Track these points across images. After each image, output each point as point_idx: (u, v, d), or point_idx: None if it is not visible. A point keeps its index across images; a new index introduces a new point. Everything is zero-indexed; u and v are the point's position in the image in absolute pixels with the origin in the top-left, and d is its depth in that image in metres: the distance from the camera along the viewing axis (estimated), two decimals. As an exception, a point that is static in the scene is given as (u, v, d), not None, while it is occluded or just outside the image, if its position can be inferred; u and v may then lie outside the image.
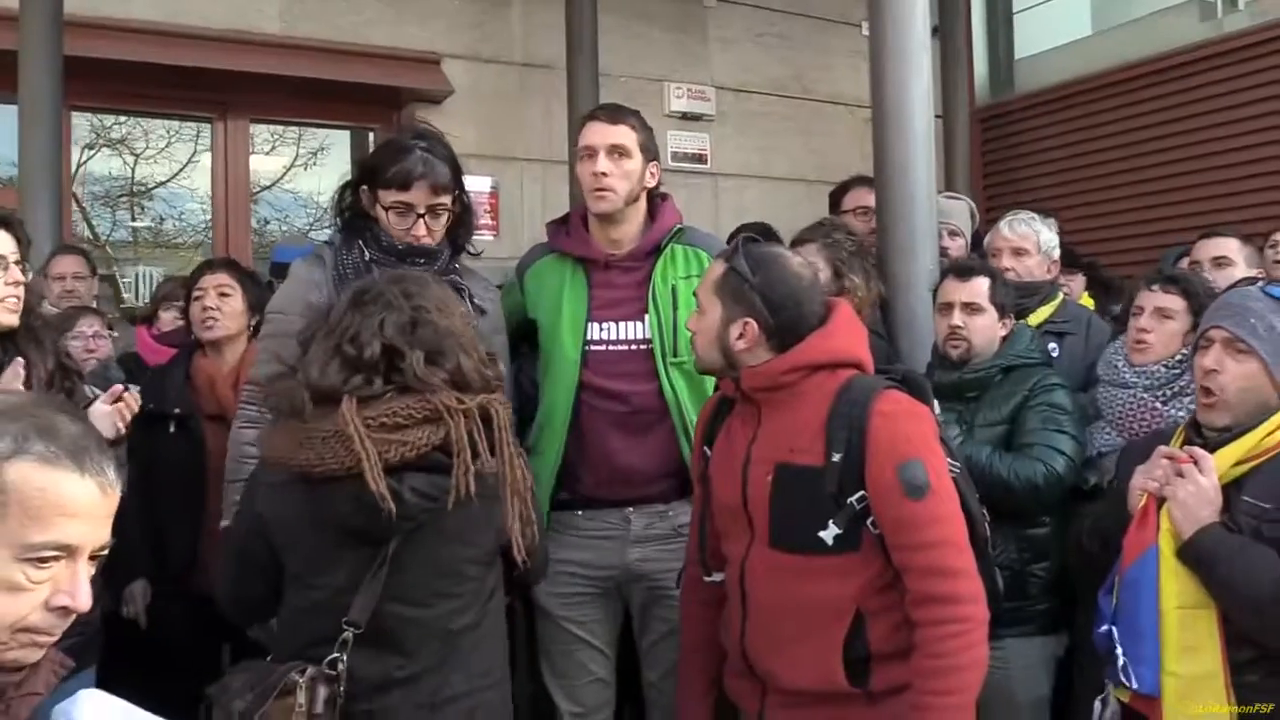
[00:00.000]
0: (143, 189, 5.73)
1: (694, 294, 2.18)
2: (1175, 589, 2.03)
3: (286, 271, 4.56)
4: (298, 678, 1.73)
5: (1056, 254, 3.43)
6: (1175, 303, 2.74)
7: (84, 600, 1.17)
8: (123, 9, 4.75)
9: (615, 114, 2.62)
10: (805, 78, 6.45)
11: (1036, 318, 3.26)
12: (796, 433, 1.97)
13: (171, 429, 3.16)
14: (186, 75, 4.91)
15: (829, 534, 1.93)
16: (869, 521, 1.93)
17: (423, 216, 2.40)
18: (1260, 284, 2.27)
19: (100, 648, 2.52)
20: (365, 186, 2.46)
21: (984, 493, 2.52)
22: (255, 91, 5.20)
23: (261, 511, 1.88)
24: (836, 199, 4.07)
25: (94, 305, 4.09)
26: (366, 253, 2.41)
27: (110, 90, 5.00)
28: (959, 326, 2.81)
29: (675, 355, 2.53)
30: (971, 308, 2.81)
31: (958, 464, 2.04)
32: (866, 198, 3.85)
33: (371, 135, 5.70)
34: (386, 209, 2.40)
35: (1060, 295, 3.42)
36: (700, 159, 6.10)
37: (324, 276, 2.42)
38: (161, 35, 4.82)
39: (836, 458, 1.91)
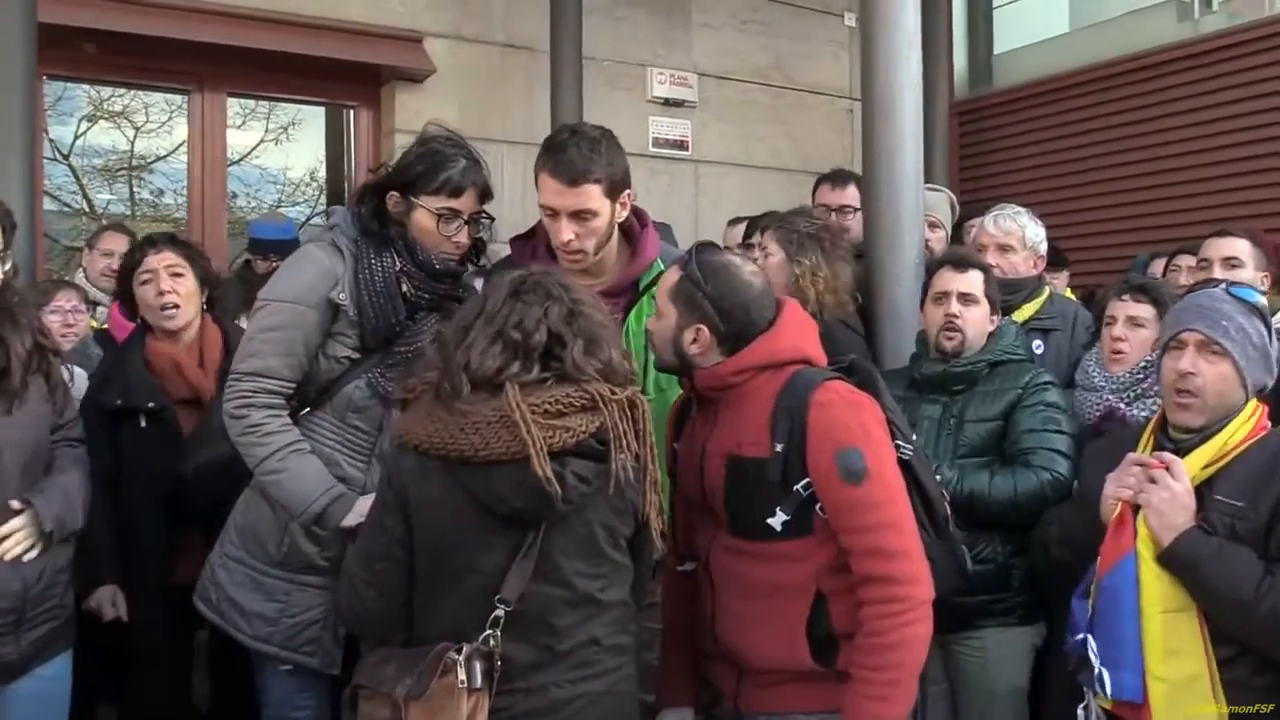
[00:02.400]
0: (118, 161, 5.65)
1: (654, 296, 2.27)
2: (1158, 593, 2.06)
3: (265, 248, 4.57)
4: (455, 656, 1.80)
5: (1043, 249, 3.43)
6: (1146, 311, 2.83)
7: None
8: (101, -24, 4.67)
9: (574, 173, 2.33)
10: (787, 66, 6.45)
11: (1022, 314, 3.28)
12: (745, 427, 2.09)
13: (143, 423, 2.91)
14: (164, 46, 4.83)
15: (777, 521, 2.04)
16: (818, 507, 2.03)
17: (468, 223, 2.38)
18: (1224, 285, 2.30)
19: (76, 631, 2.48)
20: (396, 193, 2.37)
21: (990, 516, 2.62)
22: (234, 65, 5.13)
23: (408, 497, 1.90)
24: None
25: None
26: (398, 263, 2.35)
27: (85, 59, 4.90)
28: (955, 316, 2.82)
29: (646, 394, 2.51)
30: (968, 298, 2.83)
31: (910, 446, 2.12)
32: (828, 196, 3.87)
33: (350, 113, 5.64)
34: (435, 214, 2.34)
35: (1046, 290, 3.42)
36: (681, 145, 6.09)
37: (345, 274, 2.33)
38: (140, 5, 4.74)
39: (779, 448, 2.02)
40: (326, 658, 2.37)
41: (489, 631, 1.84)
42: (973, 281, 2.85)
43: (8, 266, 2.28)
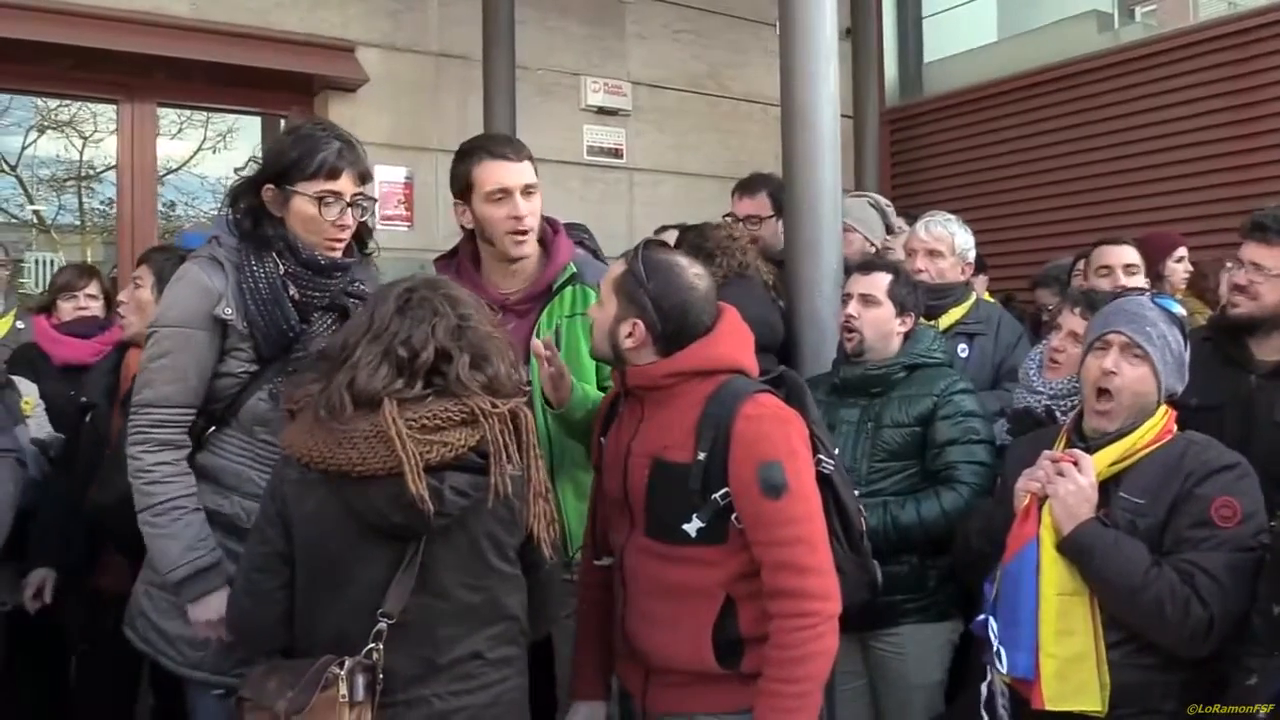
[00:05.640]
0: (65, 172, 5.58)
1: (598, 285, 2.29)
2: (1055, 577, 2.19)
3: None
4: (337, 670, 1.80)
5: (971, 256, 3.54)
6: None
7: None
8: (27, -13, 4.61)
9: (519, 149, 2.57)
10: (721, 75, 6.52)
11: (948, 319, 3.39)
12: (671, 430, 2.10)
13: (88, 418, 3.09)
14: (92, 57, 4.78)
15: (692, 527, 2.06)
16: (734, 516, 2.05)
17: (350, 206, 2.31)
18: (1149, 294, 2.45)
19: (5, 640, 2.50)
20: (273, 185, 2.30)
21: (928, 541, 2.74)
22: (164, 75, 5.09)
23: (289, 509, 1.90)
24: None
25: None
26: (281, 266, 2.28)
27: (12, 70, 4.83)
28: (853, 317, 2.91)
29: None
30: (867, 300, 2.91)
31: (831, 461, 2.15)
32: (734, 205, 3.96)
33: (283, 122, 5.61)
34: (315, 198, 2.26)
35: (973, 296, 3.52)
36: (616, 153, 6.13)
37: (226, 287, 2.26)
38: (65, 15, 4.68)
39: (702, 456, 2.04)
40: None
41: (371, 644, 1.84)
42: (874, 283, 2.92)
43: None
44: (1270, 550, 2.12)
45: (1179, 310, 2.40)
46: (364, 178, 2.35)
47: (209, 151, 5.86)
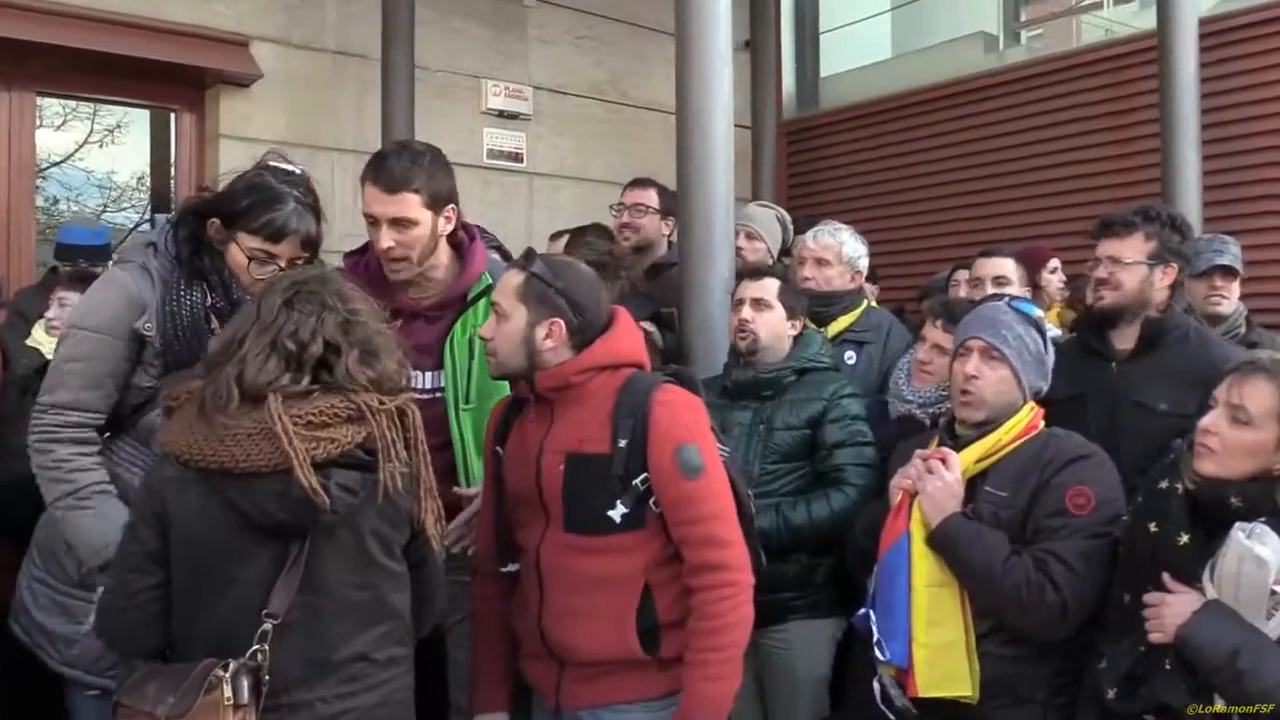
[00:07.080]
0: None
1: (492, 302, 2.29)
2: (925, 569, 2.30)
3: (72, 254, 4.38)
4: (221, 672, 1.76)
5: (862, 264, 3.60)
6: (951, 340, 3.00)
7: None
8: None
9: (394, 181, 2.44)
10: (622, 83, 6.57)
11: (837, 326, 3.45)
12: (587, 425, 2.16)
13: None
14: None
15: (617, 513, 2.13)
16: (651, 501, 2.13)
17: (283, 269, 2.27)
18: (1006, 299, 2.57)
19: None
20: (219, 220, 2.29)
21: (819, 540, 2.82)
22: (43, 63, 4.90)
23: (168, 509, 1.85)
24: None
25: None
26: (209, 298, 2.28)
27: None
28: (747, 320, 2.99)
29: (468, 402, 2.56)
30: (760, 303, 3.00)
31: (726, 448, 2.27)
32: (625, 195, 4.17)
33: (173, 116, 5.46)
34: (247, 254, 2.26)
35: (863, 304, 3.58)
36: (516, 157, 6.13)
37: (153, 300, 2.25)
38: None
39: (622, 444, 2.11)
40: None
41: (256, 645, 1.81)
42: (765, 288, 3.02)
43: None
44: (1123, 541, 2.23)
45: (1035, 312, 2.54)
46: (309, 243, 2.31)
47: (95, 146, 5.67)
